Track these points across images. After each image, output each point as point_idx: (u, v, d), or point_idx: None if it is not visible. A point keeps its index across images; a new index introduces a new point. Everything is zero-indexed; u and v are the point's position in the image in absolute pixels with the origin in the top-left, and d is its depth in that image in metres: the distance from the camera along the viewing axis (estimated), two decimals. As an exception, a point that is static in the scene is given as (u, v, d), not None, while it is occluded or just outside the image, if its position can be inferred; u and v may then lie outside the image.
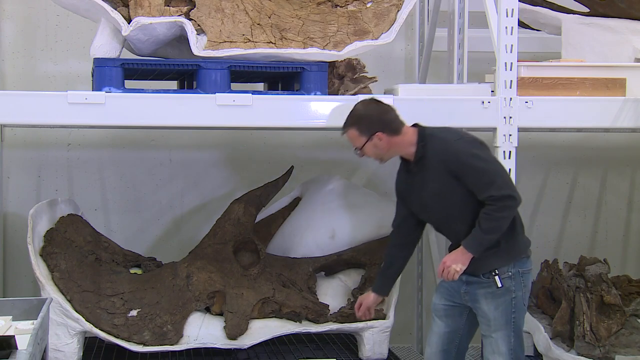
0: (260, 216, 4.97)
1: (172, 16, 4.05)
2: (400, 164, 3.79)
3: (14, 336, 2.95)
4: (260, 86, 4.98)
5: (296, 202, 5.07)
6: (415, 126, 3.71)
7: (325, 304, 4.66)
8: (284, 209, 5.06)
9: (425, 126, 3.70)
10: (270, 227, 5.04)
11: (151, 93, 4.05)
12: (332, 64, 4.38)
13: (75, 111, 3.94)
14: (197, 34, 4.07)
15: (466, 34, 4.88)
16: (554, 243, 6.04)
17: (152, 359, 4.59)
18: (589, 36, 4.81)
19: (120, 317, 4.34)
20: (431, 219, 3.82)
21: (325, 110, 4.14)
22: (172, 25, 4.07)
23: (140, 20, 3.98)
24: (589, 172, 6.08)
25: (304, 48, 4.18)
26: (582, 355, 4.30)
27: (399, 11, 4.29)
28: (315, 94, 4.18)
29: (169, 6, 4.08)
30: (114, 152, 5.57)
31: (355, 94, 4.32)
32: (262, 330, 4.50)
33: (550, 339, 4.43)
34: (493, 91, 4.28)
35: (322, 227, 4.94)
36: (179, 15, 4.07)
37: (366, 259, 4.75)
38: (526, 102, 4.22)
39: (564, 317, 4.45)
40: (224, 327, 4.43)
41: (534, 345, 4.62)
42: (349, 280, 4.83)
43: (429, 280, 5.45)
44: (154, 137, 5.59)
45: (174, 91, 4.20)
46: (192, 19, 4.06)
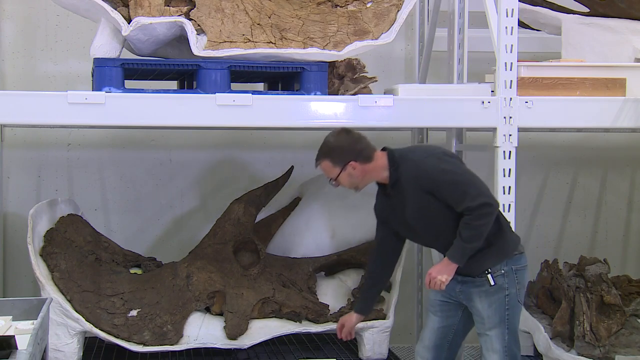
0: (260, 216, 4.97)
1: (172, 16, 4.05)
2: (378, 190, 3.83)
3: (14, 336, 2.95)
4: (260, 86, 4.98)
5: (296, 202, 5.07)
6: (384, 150, 3.74)
7: (325, 304, 4.66)
8: (284, 209, 5.06)
9: (394, 149, 3.74)
10: (270, 227, 5.04)
11: (151, 93, 4.05)
12: (332, 64, 4.38)
13: (75, 111, 3.94)
14: (197, 34, 4.07)
15: (466, 34, 4.88)
16: (554, 243, 6.04)
17: (152, 359, 4.59)
18: (589, 36, 4.81)
19: (120, 317, 4.34)
20: (417, 237, 3.92)
21: (325, 110, 4.14)
22: (172, 25, 4.07)
23: (140, 20, 3.98)
24: (589, 172, 6.08)
25: (304, 48, 4.18)
26: (582, 355, 4.31)
27: (399, 11, 4.29)
28: (315, 94, 4.18)
29: (169, 6, 4.08)
30: (114, 152, 5.57)
31: (355, 94, 4.32)
32: (262, 330, 4.50)
33: (550, 339, 4.43)
34: (493, 91, 4.28)
35: (322, 227, 4.94)
36: (179, 15, 4.07)
37: (366, 259, 4.75)
38: (526, 102, 4.22)
39: (564, 317, 4.45)
40: (224, 327, 4.43)
41: (534, 345, 4.62)
42: (349, 280, 4.83)
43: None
44: (154, 137, 5.59)
45: (174, 91, 4.19)
46: (192, 19, 4.06)
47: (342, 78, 4.44)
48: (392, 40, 4.29)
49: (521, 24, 4.80)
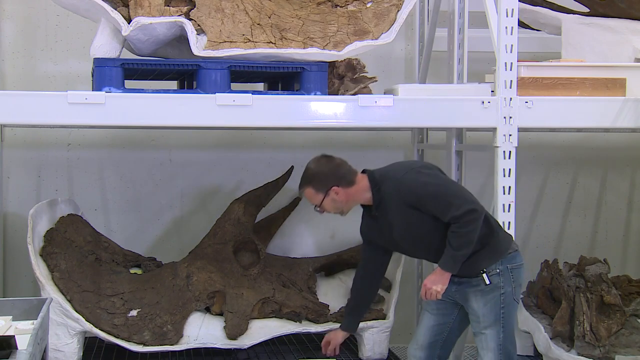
0: (261, 216, 4.97)
1: (172, 16, 4.05)
2: (363, 212, 3.85)
3: (14, 336, 2.95)
4: (260, 86, 4.98)
5: (296, 202, 5.06)
6: (364, 172, 3.77)
7: (325, 304, 4.66)
8: (284, 209, 5.06)
9: (373, 170, 3.77)
10: (270, 227, 5.04)
11: (151, 93, 4.04)
12: (332, 64, 4.38)
13: (75, 111, 3.94)
14: (197, 34, 4.07)
15: (466, 34, 4.88)
16: (554, 243, 6.04)
17: (152, 359, 4.59)
18: (589, 36, 4.81)
19: (120, 317, 4.34)
20: (409, 253, 3.96)
21: (325, 110, 4.14)
22: (172, 25, 4.07)
23: (140, 20, 3.98)
24: (589, 172, 6.08)
25: (304, 48, 4.18)
26: (582, 355, 4.30)
27: (399, 11, 4.29)
28: (315, 94, 4.18)
29: (169, 6, 4.08)
30: (114, 152, 5.57)
31: (355, 94, 4.32)
32: (262, 330, 4.50)
33: (550, 339, 4.43)
34: (493, 91, 4.28)
35: (322, 227, 4.95)
36: (179, 15, 4.06)
37: (366, 259, 4.75)
38: (526, 102, 4.22)
39: (564, 317, 4.45)
40: (224, 327, 4.43)
41: (534, 345, 4.62)
42: (349, 280, 4.82)
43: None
44: (154, 137, 5.59)
45: (174, 91, 4.19)
46: (192, 19, 4.06)
47: (342, 78, 4.44)
48: (392, 40, 4.29)
49: (521, 24, 4.79)
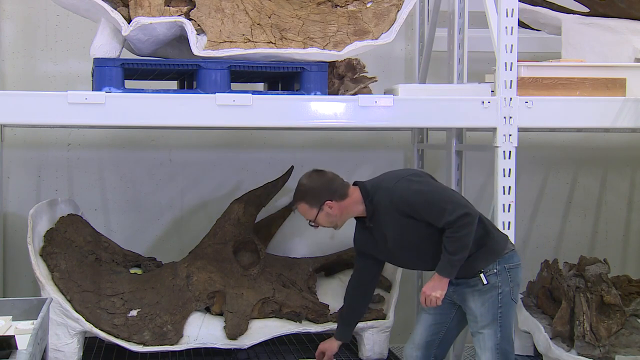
0: (261, 216, 4.97)
1: (172, 16, 4.05)
2: (357, 223, 3.86)
3: (14, 336, 2.95)
4: (260, 86, 4.98)
5: (296, 202, 5.06)
6: (356, 184, 3.77)
7: (325, 304, 4.66)
8: (284, 209, 5.06)
9: (364, 182, 3.78)
10: (270, 227, 5.04)
11: (151, 93, 4.04)
12: (332, 64, 4.38)
13: (75, 111, 3.93)
14: (197, 34, 4.07)
15: (466, 34, 4.88)
16: (554, 243, 6.04)
17: (152, 359, 4.59)
18: (589, 36, 4.81)
19: (120, 317, 4.34)
20: (404, 263, 3.96)
21: (325, 110, 4.14)
22: (172, 25, 4.07)
23: (140, 20, 3.98)
24: (589, 172, 6.08)
25: (304, 48, 4.18)
26: (582, 355, 4.30)
27: (399, 11, 4.29)
28: (315, 94, 4.18)
29: (169, 6, 4.08)
30: (114, 152, 5.57)
31: (355, 94, 4.32)
32: (262, 330, 4.50)
33: (550, 339, 4.43)
34: (493, 91, 4.28)
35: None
36: (179, 15, 4.06)
37: (366, 259, 4.75)
38: (526, 102, 4.22)
39: (564, 317, 4.45)
40: (224, 327, 4.43)
41: (534, 345, 4.62)
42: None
43: (428, 279, 5.44)
44: (154, 137, 5.59)
45: (174, 91, 4.19)
46: (192, 19, 4.06)
47: (342, 78, 4.44)
48: (392, 40, 4.29)
49: (521, 24, 4.79)
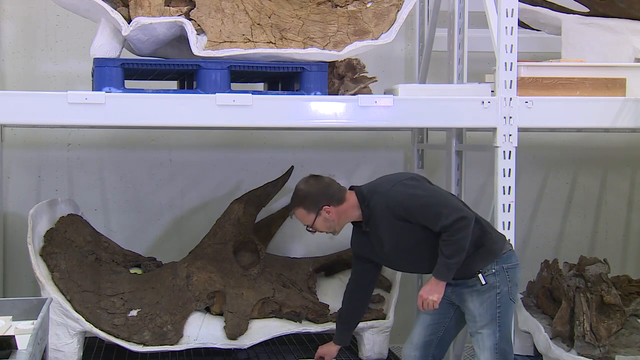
0: (261, 216, 4.97)
1: (172, 16, 4.05)
2: (354, 228, 3.86)
3: (14, 336, 2.95)
4: (260, 86, 4.98)
5: (296, 202, 5.06)
6: (352, 189, 3.77)
7: (325, 304, 4.66)
8: (284, 209, 5.06)
9: (360, 186, 3.78)
10: (270, 227, 5.04)
11: (151, 93, 4.04)
12: (332, 64, 4.38)
13: (75, 111, 3.94)
14: (197, 34, 4.07)
15: (466, 34, 4.88)
16: (554, 243, 6.04)
17: (152, 359, 4.59)
18: (589, 36, 4.81)
19: (120, 317, 4.34)
20: (401, 267, 3.97)
21: (325, 110, 4.14)
22: (172, 25, 4.07)
23: (140, 20, 3.98)
24: (589, 172, 6.08)
25: (304, 48, 4.18)
26: (582, 355, 4.30)
27: (399, 11, 4.29)
28: (315, 94, 4.18)
29: (169, 6, 4.08)
30: (114, 152, 5.57)
31: (355, 94, 4.32)
32: (262, 330, 4.50)
33: (550, 339, 4.43)
34: (493, 91, 4.28)
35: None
36: (179, 15, 4.06)
37: (366, 259, 4.75)
38: (526, 102, 4.22)
39: (564, 317, 4.45)
40: (224, 327, 4.43)
41: (534, 345, 4.62)
42: (349, 280, 4.83)
43: (428, 279, 5.44)
44: (154, 137, 5.59)
45: (174, 91, 4.19)
46: (192, 19, 4.06)
47: (342, 78, 4.44)
48: (392, 40, 4.29)
49: (521, 24, 4.79)
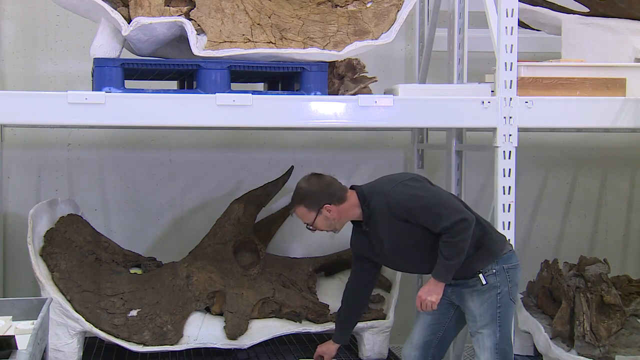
0: (261, 216, 4.97)
1: (172, 16, 4.05)
2: (354, 227, 3.86)
3: (14, 336, 2.95)
4: (260, 86, 4.98)
5: (296, 202, 5.06)
6: (352, 188, 3.77)
7: (325, 304, 4.66)
8: (284, 209, 5.06)
9: (361, 186, 3.78)
10: (270, 227, 5.04)
11: (151, 93, 4.04)
12: (332, 64, 4.38)
13: (75, 111, 3.94)
14: (197, 34, 4.07)
15: (466, 34, 4.88)
16: (554, 243, 6.04)
17: (152, 359, 4.59)
18: (589, 36, 4.81)
19: (120, 317, 4.34)
20: (400, 267, 3.97)
21: (325, 110, 4.14)
22: (172, 25, 4.07)
23: (140, 20, 3.98)
24: (589, 172, 6.08)
25: (304, 48, 4.18)
26: (582, 355, 4.30)
27: (399, 11, 4.29)
28: (315, 94, 4.18)
29: (169, 6, 4.08)
30: (114, 152, 5.57)
31: (355, 94, 4.32)
32: (262, 330, 4.50)
33: (550, 339, 4.43)
34: (493, 91, 4.28)
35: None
36: (179, 15, 4.06)
37: (366, 259, 4.75)
38: (526, 102, 4.22)
39: (564, 317, 4.45)
40: (224, 327, 4.43)
41: (534, 345, 4.62)
42: (349, 280, 4.83)
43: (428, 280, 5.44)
44: (154, 137, 5.59)
45: (174, 91, 4.19)
46: (192, 19, 4.06)
47: (342, 78, 4.44)
48: (392, 40, 4.29)
49: (521, 24, 4.79)
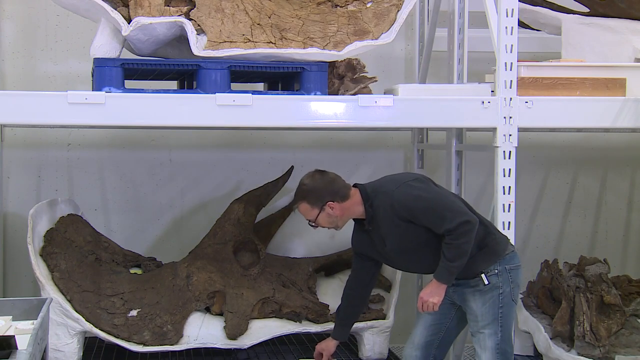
0: (261, 216, 4.97)
1: (172, 16, 4.05)
2: (355, 225, 3.85)
3: (14, 336, 2.95)
4: (260, 86, 4.98)
5: (296, 202, 5.06)
6: (355, 186, 3.77)
7: (325, 304, 4.66)
8: (284, 209, 5.06)
9: (364, 184, 3.77)
10: (270, 227, 5.04)
11: (151, 93, 4.04)
12: (332, 64, 4.38)
13: (75, 111, 3.94)
14: (197, 34, 4.07)
15: (466, 34, 4.88)
16: (554, 243, 6.04)
17: (152, 359, 4.59)
18: (589, 36, 4.81)
19: (120, 317, 4.34)
20: (401, 266, 3.95)
21: (325, 110, 4.15)
22: (172, 25, 4.07)
23: (140, 20, 3.98)
24: (589, 172, 6.08)
25: (304, 48, 4.18)
26: (582, 355, 4.31)
27: (399, 11, 4.29)
28: (315, 94, 4.18)
29: (169, 6, 4.08)
30: (114, 152, 5.57)
31: (355, 94, 4.32)
32: (262, 330, 4.50)
33: (550, 339, 4.43)
34: (493, 91, 4.28)
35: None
36: (179, 15, 4.06)
37: (366, 259, 4.75)
38: (526, 102, 4.22)
39: (564, 317, 4.45)
40: (224, 327, 4.43)
41: (534, 345, 4.62)
42: (349, 280, 4.83)
43: (428, 280, 5.43)
44: (154, 137, 5.59)
45: (174, 91, 4.19)
46: (192, 19, 4.06)
47: (342, 78, 4.44)
48: (392, 40, 4.29)
49: (521, 24, 4.79)
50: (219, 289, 4.50)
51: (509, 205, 4.22)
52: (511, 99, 4.20)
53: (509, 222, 4.21)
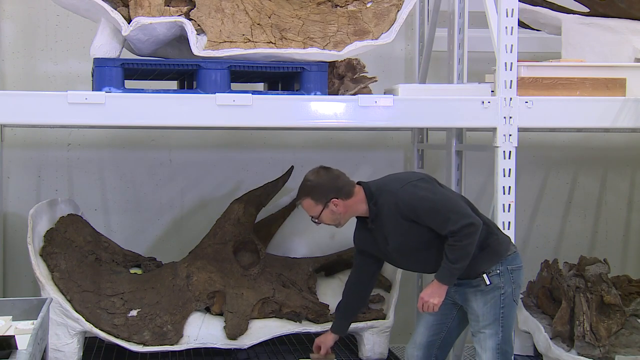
0: (261, 216, 4.97)
1: (172, 16, 4.05)
2: (357, 222, 3.85)
3: (14, 336, 2.95)
4: (260, 86, 4.98)
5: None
6: (359, 184, 3.76)
7: (325, 304, 4.66)
8: (284, 209, 5.06)
9: (368, 182, 3.77)
10: (270, 227, 5.04)
11: (151, 93, 4.04)
12: (332, 64, 4.38)
13: (75, 111, 3.94)
14: (197, 34, 4.07)
15: (466, 34, 4.88)
16: (554, 243, 6.04)
17: (152, 359, 4.59)
18: (589, 36, 4.81)
19: (120, 317, 4.34)
20: (403, 265, 3.95)
21: (325, 110, 4.14)
22: (172, 25, 4.07)
23: (140, 20, 3.98)
24: (589, 172, 6.08)
25: (304, 48, 4.18)
26: (582, 355, 4.31)
27: (399, 11, 4.29)
28: (315, 94, 4.18)
29: (169, 6, 4.08)
30: (114, 152, 5.57)
31: (355, 94, 4.32)
32: (262, 330, 4.50)
33: (550, 339, 4.43)
34: (493, 91, 4.28)
35: (322, 227, 4.93)
36: (179, 15, 4.06)
37: (366, 259, 4.75)
38: (526, 102, 4.22)
39: (564, 317, 4.45)
40: (224, 327, 4.43)
41: (534, 345, 4.62)
42: (349, 280, 4.83)
43: (428, 280, 5.43)
44: (154, 137, 5.59)
45: (174, 91, 4.19)
46: (192, 19, 4.06)
47: (342, 78, 4.44)
48: (392, 40, 4.28)
49: (521, 24, 4.79)
50: (219, 289, 4.50)
51: (509, 205, 4.22)
52: (511, 99, 4.20)
53: (509, 222, 4.21)
